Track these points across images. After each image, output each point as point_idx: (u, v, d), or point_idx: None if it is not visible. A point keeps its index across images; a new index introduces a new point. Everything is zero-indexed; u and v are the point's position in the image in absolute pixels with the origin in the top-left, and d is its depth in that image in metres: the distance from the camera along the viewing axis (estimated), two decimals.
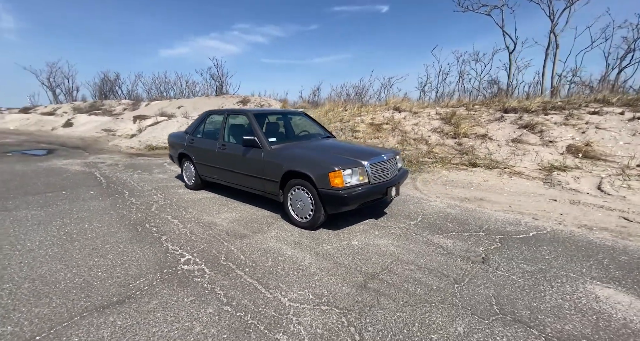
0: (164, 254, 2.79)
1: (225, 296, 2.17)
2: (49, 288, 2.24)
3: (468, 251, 2.90)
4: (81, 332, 1.81)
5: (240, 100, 15.36)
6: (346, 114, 10.66)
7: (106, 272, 2.47)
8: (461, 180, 5.39)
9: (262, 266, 2.59)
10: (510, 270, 2.55)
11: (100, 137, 13.26)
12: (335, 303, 2.12)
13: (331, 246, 3.00)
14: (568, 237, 3.20)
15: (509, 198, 4.47)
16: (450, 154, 6.80)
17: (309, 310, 2.04)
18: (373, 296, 2.20)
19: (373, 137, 8.67)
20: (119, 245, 2.96)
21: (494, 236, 3.24)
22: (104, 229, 3.33)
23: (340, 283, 2.36)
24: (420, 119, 9.32)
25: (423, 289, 2.29)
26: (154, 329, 1.84)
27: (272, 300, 2.13)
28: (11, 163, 7.36)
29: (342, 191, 3.06)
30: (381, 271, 2.54)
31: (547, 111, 7.93)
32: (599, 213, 3.85)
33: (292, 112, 5.54)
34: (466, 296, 2.20)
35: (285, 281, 2.37)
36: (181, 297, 2.15)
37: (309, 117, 5.13)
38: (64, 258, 2.69)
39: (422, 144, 7.67)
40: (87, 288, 2.26)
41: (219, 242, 3.05)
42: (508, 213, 3.93)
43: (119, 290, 2.24)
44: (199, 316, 1.96)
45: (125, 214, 3.81)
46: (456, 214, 3.89)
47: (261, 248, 2.94)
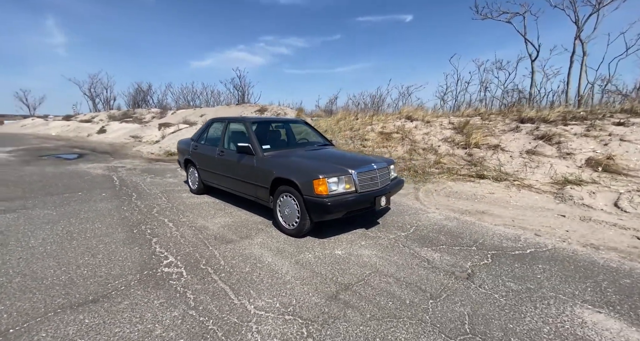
0: (150, 256, 2.86)
1: (194, 300, 2.18)
2: (36, 284, 2.36)
3: (454, 266, 2.74)
4: (50, 328, 1.87)
5: (258, 109, 15.73)
6: (357, 123, 10.60)
7: (91, 271, 2.57)
8: (466, 192, 5.16)
9: (239, 272, 2.59)
10: (494, 288, 2.39)
11: (128, 143, 14.01)
12: (301, 313, 2.06)
13: (313, 254, 2.94)
14: (569, 256, 2.95)
15: (514, 212, 4.21)
16: (458, 165, 6.54)
17: (272, 318, 2.00)
18: (341, 308, 2.13)
19: (382, 146, 8.54)
20: (111, 245, 3.07)
21: (487, 251, 3.05)
22: (103, 230, 3.48)
23: (311, 293, 2.30)
24: (432, 129, 9.09)
25: (395, 303, 2.19)
26: (117, 329, 1.87)
27: (239, 307, 2.12)
28: (43, 166, 7.93)
29: (326, 199, 3.02)
30: (356, 283, 2.45)
31: (567, 121, 7.48)
32: (611, 231, 3.53)
33: (291, 120, 5.58)
34: (438, 313, 2.07)
35: (256, 288, 2.35)
36: (152, 299, 2.18)
37: (309, 126, 5.14)
38: (58, 256, 2.82)
39: (430, 154, 7.45)
40: (70, 285, 2.35)
41: (204, 246, 3.09)
42: (509, 227, 3.70)
43: (97, 288, 2.31)
44: (163, 319, 1.97)
45: (127, 216, 3.97)
46: (452, 227, 3.71)
47: (243, 254, 2.94)
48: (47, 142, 14.61)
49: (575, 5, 11.92)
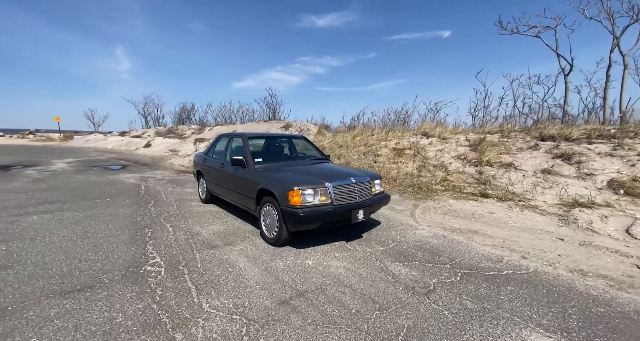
0: (141, 255, 3.17)
1: (160, 296, 2.41)
2: (42, 272, 2.74)
3: (417, 282, 2.70)
4: (38, 309, 2.19)
5: (284, 125, 16.35)
6: (372, 139, 10.63)
7: (88, 265, 2.92)
8: (465, 210, 4.96)
9: (209, 275, 2.78)
10: (447, 305, 2.33)
11: (166, 156, 15.26)
12: (248, 314, 2.19)
13: (284, 263, 3.06)
14: (548, 280, 2.76)
15: (508, 233, 3.99)
16: (465, 183, 6.31)
17: (220, 317, 2.15)
18: (287, 312, 2.22)
19: (392, 161, 8.48)
20: (114, 245, 3.45)
21: (460, 270, 2.95)
22: (112, 231, 3.91)
23: (265, 297, 2.42)
24: (447, 145, 8.86)
25: (340, 311, 2.23)
26: (87, 315, 2.14)
27: (195, 305, 2.30)
28: (90, 175, 8.95)
29: (300, 209, 3.15)
30: (313, 291, 2.53)
31: (592, 139, 6.92)
32: (610, 258, 3.22)
33: (290, 135, 5.81)
34: (378, 324, 2.08)
35: (218, 290, 2.52)
36: (126, 292, 2.44)
37: (307, 141, 5.36)
38: (69, 251, 3.24)
39: (440, 171, 7.25)
40: (67, 275, 2.70)
41: (190, 250, 3.35)
42: (496, 248, 3.53)
43: (87, 280, 2.63)
44: (127, 309, 2.21)
45: (137, 220, 4.40)
46: (436, 244, 3.62)
47: (221, 258, 3.14)
48: (102, 155, 16.39)
49: (612, 16, 11.18)
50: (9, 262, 2.93)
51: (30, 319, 2.07)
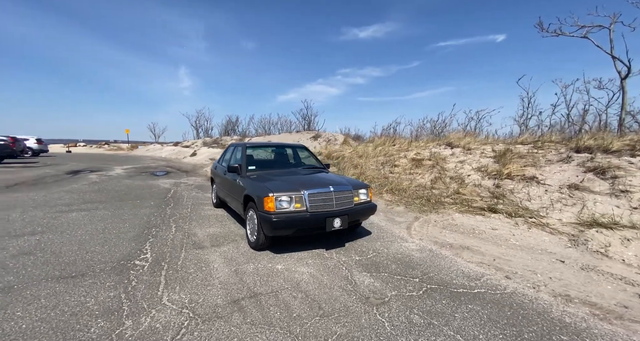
0: (136, 251, 3.52)
1: (133, 287, 2.66)
2: (54, 260, 3.20)
3: (375, 293, 2.62)
4: (35, 290, 2.57)
5: (313, 135, 16.70)
6: (393, 149, 10.36)
7: (92, 256, 3.33)
8: (467, 225, 4.62)
9: (184, 272, 3.00)
10: (392, 318, 2.23)
11: (205, 164, 16.47)
12: (197, 309, 2.33)
13: (254, 266, 3.17)
14: (520, 302, 2.48)
15: (504, 251, 3.64)
16: (478, 197, 5.86)
17: (171, 309, 2.32)
18: (232, 311, 2.31)
19: (409, 172, 8.18)
20: (120, 240, 3.86)
21: (427, 285, 2.79)
22: (126, 229, 4.37)
23: (220, 296, 2.54)
24: (470, 156, 8.33)
25: (282, 314, 2.27)
26: (68, 297, 2.45)
27: (157, 297, 2.50)
28: (136, 180, 10.04)
29: (274, 215, 3.26)
30: (267, 293, 2.59)
31: (636, 151, 6.00)
32: (610, 285, 2.78)
33: (291, 145, 5.90)
34: (312, 329, 2.08)
35: (183, 286, 2.71)
36: (106, 281, 2.75)
37: (307, 151, 5.48)
38: (83, 244, 3.72)
39: (456, 184, 6.82)
40: (71, 263, 3.11)
41: (180, 249, 3.62)
42: (482, 266, 3.25)
43: (83, 268, 3.01)
44: (100, 296, 2.49)
45: (150, 220, 4.86)
46: (417, 258, 3.45)
47: (201, 258, 3.35)
48: (154, 163, 18.23)
49: None
50: (34, 250, 3.46)
51: (25, 297, 2.45)
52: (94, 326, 2.07)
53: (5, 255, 3.27)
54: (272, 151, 5.39)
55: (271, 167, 4.80)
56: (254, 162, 4.66)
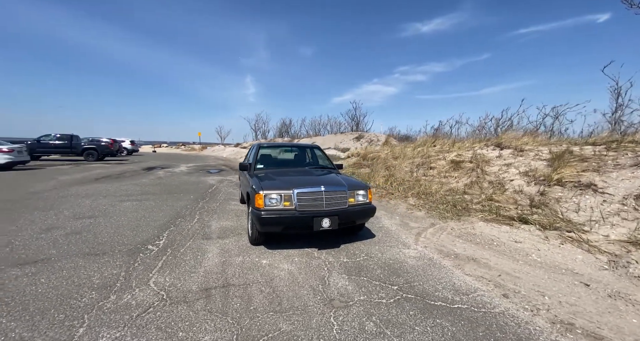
0: (154, 237, 3.97)
1: (133, 268, 3.02)
2: (91, 239, 3.80)
3: (343, 296, 2.52)
4: (65, 262, 3.10)
5: (356, 136, 16.48)
6: (434, 150, 9.61)
7: (120, 238, 3.86)
8: (486, 235, 4.07)
9: (180, 259, 3.29)
10: (345, 322, 2.12)
11: None
12: (172, 293, 2.54)
13: (242, 259, 3.31)
14: (503, 325, 2.12)
15: (517, 267, 3.12)
16: (513, 204, 5.09)
17: (151, 290, 2.57)
18: (199, 297, 2.46)
19: (444, 175, 7.51)
20: (148, 227, 4.40)
21: (403, 293, 2.57)
22: (157, 217, 4.96)
23: (197, 284, 2.72)
24: (520, 159, 7.30)
25: (240, 305, 2.34)
26: (82, 271, 2.90)
27: (147, 278, 2.80)
28: (192, 176, 11.24)
29: (262, 212, 3.35)
30: (239, 285, 2.69)
31: None
32: (637, 319, 2.17)
33: (304, 146, 5.92)
34: (259, 322, 2.11)
35: (172, 270, 2.97)
36: (116, 261, 3.16)
37: (320, 151, 5.46)
38: (118, 228, 4.34)
39: (493, 189, 6.04)
40: (101, 243, 3.67)
41: (189, 238, 3.97)
42: (480, 281, 2.85)
43: (107, 249, 3.51)
44: (105, 272, 2.88)
45: (181, 212, 5.41)
46: (409, 265, 3.19)
47: (202, 248, 3.62)
48: (214, 161, 20.13)
49: None
50: (83, 230, 4.17)
51: (54, 267, 2.97)
52: (86, 297, 2.42)
53: (60, 233, 4.01)
54: (284, 151, 5.53)
55: (280, 167, 4.93)
56: (265, 162, 4.86)
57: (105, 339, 1.91)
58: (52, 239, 3.75)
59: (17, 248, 3.45)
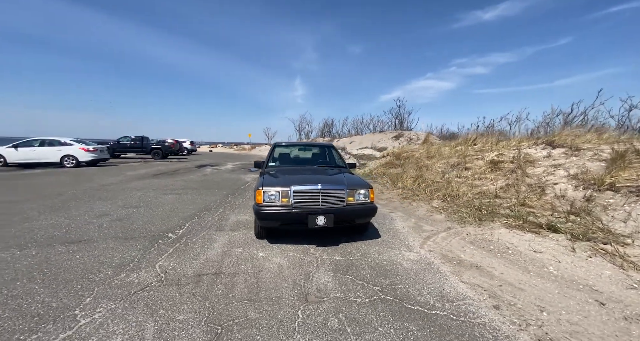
0: (178, 226, 4.41)
1: (149, 252, 3.42)
2: (128, 226, 4.38)
3: (321, 292, 2.55)
4: (99, 244, 3.64)
5: (395, 135, 15.90)
6: (474, 149, 8.82)
7: (149, 226, 4.38)
8: (502, 243, 3.66)
9: (190, 246, 3.61)
10: (310, 316, 2.16)
11: None
12: (169, 275, 2.83)
13: (242, 250, 3.51)
14: (477, 336, 1.94)
15: (525, 279, 2.77)
16: (548, 211, 4.46)
17: (154, 272, 2.89)
18: (190, 282, 2.70)
19: (478, 177, 6.89)
20: (175, 218, 4.90)
21: (382, 295, 2.50)
22: (187, 209, 5.48)
23: (194, 269, 2.98)
24: (573, 159, 6.38)
25: (222, 292, 2.51)
26: (109, 251, 3.37)
27: (156, 261, 3.15)
28: (233, 173, 12.09)
29: (261, 207, 3.51)
30: (228, 273, 2.88)
31: None
32: None
33: (318, 145, 5.99)
34: (232, 308, 2.25)
35: (179, 256, 3.29)
36: (138, 245, 3.61)
37: (334, 150, 5.46)
38: (153, 217, 4.91)
39: (532, 192, 5.36)
40: (133, 229, 4.21)
41: (205, 229, 4.32)
42: (474, 289, 2.61)
43: (135, 234, 4.02)
44: (125, 254, 3.31)
45: (209, 205, 5.90)
46: (401, 268, 3.06)
47: (212, 238, 3.92)
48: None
49: None
50: (124, 217, 4.83)
51: (90, 247, 3.52)
52: (102, 273, 2.84)
53: (107, 219, 4.71)
54: (298, 150, 5.65)
55: (291, 165, 5.07)
56: (278, 160, 5.05)
57: (102, 308, 2.23)
58: (98, 224, 4.43)
59: (71, 229, 4.16)
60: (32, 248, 3.44)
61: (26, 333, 1.93)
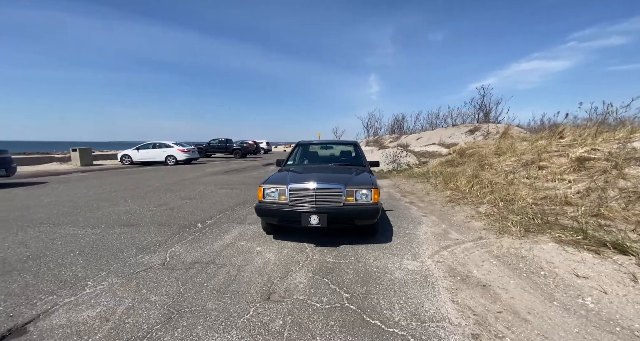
0: (209, 217, 4.93)
1: (173, 238, 3.93)
2: (174, 214, 5.13)
3: (287, 292, 2.50)
4: (142, 227, 4.37)
5: (470, 129, 13.97)
6: (561, 144, 7.06)
7: (188, 216, 5.03)
8: (537, 262, 2.85)
9: (206, 236, 3.99)
10: (258, 315, 2.15)
11: None
12: (174, 259, 3.20)
13: (244, 244, 3.69)
14: None
15: (539, 309, 2.11)
16: (632, 225, 3.24)
17: (165, 255, 3.32)
18: (185, 267, 3.00)
19: (551, 178, 5.51)
20: (213, 210, 5.48)
21: (348, 304, 2.29)
22: (227, 203, 6.05)
23: (194, 257, 3.28)
24: None
25: (202, 279, 2.71)
26: (145, 235, 4.03)
27: (173, 247, 3.59)
28: None
29: (261, 204, 3.64)
30: (219, 264, 3.08)
31: None
32: None
33: (339, 142, 5.78)
34: (199, 296, 2.42)
35: (192, 244, 3.67)
36: (169, 231, 4.17)
37: (355, 148, 5.21)
38: (196, 208, 5.60)
39: (619, 200, 4.01)
40: (176, 217, 4.90)
41: (230, 222, 4.70)
42: (460, 312, 2.14)
43: (172, 222, 4.67)
44: (154, 238, 3.88)
45: (247, 200, 6.38)
46: (389, 278, 2.74)
47: (228, 230, 4.23)
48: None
49: None
50: (176, 207, 5.66)
51: (134, 230, 4.25)
52: (126, 253, 3.41)
53: (163, 208, 5.61)
54: (320, 148, 5.54)
55: (312, 163, 5.04)
56: (297, 159, 5.10)
57: (106, 282, 2.69)
58: (154, 212, 5.32)
59: (134, 215, 5.11)
60: (99, 227, 4.38)
61: (47, 294, 2.48)
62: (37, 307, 2.26)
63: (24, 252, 3.40)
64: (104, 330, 1.99)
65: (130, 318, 2.13)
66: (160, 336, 1.93)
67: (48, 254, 3.33)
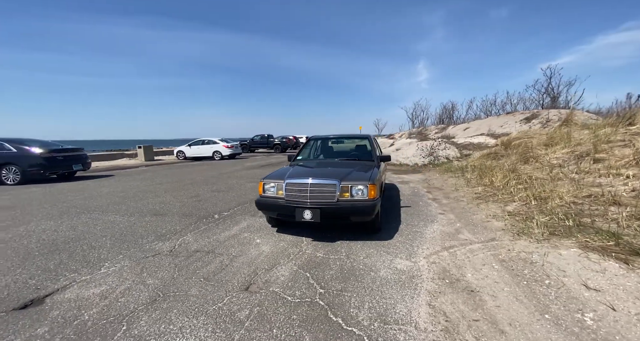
0: (226, 210, 5.26)
1: (188, 229, 4.29)
2: (199, 205, 5.58)
3: (266, 284, 2.58)
4: (166, 216, 4.86)
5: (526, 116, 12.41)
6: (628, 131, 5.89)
7: (211, 207, 5.42)
8: (548, 269, 2.44)
9: (218, 227, 4.27)
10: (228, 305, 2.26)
11: None
12: (181, 247, 3.50)
13: (247, 235, 3.86)
14: None
15: (523, 321, 1.82)
16: None
17: (173, 244, 3.66)
18: (186, 255, 3.27)
19: (606, 173, 4.65)
20: (233, 203, 5.82)
21: (318, 299, 2.28)
22: (250, 196, 6.36)
23: (199, 245, 3.54)
24: None
25: (196, 266, 2.94)
26: (166, 224, 4.47)
27: (184, 236, 3.94)
28: None
29: (260, 198, 3.76)
30: (217, 253, 3.28)
31: None
32: None
33: (351, 136, 5.55)
34: (186, 282, 2.64)
35: (202, 234, 3.97)
36: (188, 221, 4.57)
37: (370, 143, 5.04)
38: (221, 200, 6.01)
39: None
40: (199, 208, 5.32)
41: (244, 214, 4.95)
42: (431, 316, 1.98)
43: (194, 212, 5.07)
44: (173, 227, 4.29)
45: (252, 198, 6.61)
46: (372, 276, 2.63)
47: (239, 222, 4.46)
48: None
49: None
50: (204, 199, 6.15)
51: (158, 219, 4.73)
52: (146, 239, 3.83)
53: (193, 200, 6.13)
54: (331, 142, 5.42)
55: (322, 158, 5.00)
56: (306, 154, 5.11)
57: (119, 264, 3.07)
58: (184, 203, 5.85)
59: (166, 205, 5.68)
60: (135, 216, 4.97)
61: (72, 272, 2.92)
62: (59, 282, 2.68)
63: (70, 235, 4.03)
64: (99, 305, 2.29)
65: (123, 298, 2.40)
66: (140, 316, 2.15)
67: (87, 238, 3.90)
